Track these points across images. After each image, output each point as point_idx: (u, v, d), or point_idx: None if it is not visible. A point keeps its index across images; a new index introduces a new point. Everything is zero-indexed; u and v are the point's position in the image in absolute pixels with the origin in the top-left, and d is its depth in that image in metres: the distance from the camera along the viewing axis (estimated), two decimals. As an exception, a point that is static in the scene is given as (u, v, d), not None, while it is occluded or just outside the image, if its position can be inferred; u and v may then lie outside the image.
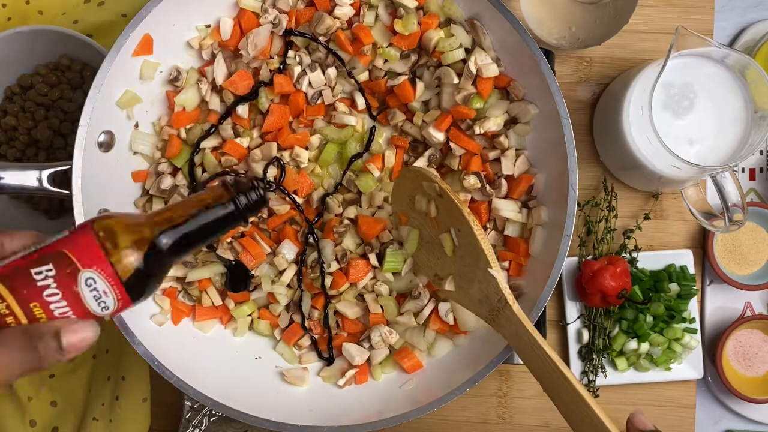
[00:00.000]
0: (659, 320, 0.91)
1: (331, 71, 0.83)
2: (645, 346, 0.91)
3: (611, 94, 0.91)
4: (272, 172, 0.82)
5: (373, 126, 0.85)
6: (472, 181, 0.80)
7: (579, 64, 0.95)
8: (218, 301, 0.85)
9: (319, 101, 0.84)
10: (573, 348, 0.94)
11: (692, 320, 0.92)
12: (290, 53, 0.83)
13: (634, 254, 0.92)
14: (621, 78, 0.91)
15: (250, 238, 0.84)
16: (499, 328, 0.70)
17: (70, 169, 0.75)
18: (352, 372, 0.83)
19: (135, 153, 0.84)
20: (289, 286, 0.85)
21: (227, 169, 0.83)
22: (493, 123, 0.80)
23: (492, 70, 0.78)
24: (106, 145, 0.79)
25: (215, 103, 0.84)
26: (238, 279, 0.84)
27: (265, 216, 0.85)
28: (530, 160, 0.82)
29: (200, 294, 0.85)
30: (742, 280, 0.93)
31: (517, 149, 0.82)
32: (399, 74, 0.83)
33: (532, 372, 0.66)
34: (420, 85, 0.83)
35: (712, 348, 0.94)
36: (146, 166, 0.84)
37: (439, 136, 0.82)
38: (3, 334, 0.53)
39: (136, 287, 0.56)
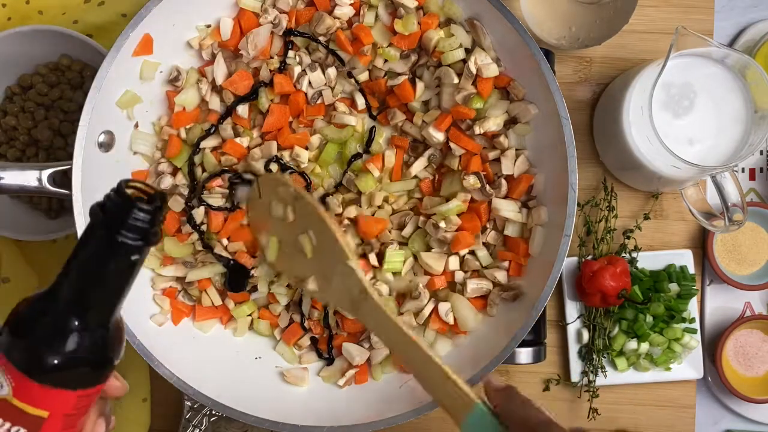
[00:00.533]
0: (659, 320, 0.91)
1: (331, 71, 0.83)
2: (645, 346, 0.91)
3: (611, 94, 0.91)
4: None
5: (373, 126, 0.85)
6: (472, 181, 0.80)
7: (579, 64, 0.95)
8: (218, 301, 0.85)
9: (319, 101, 0.84)
10: (573, 348, 0.94)
11: (692, 320, 0.92)
12: (290, 53, 0.83)
13: (634, 254, 0.92)
14: (621, 78, 0.91)
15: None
16: (362, 317, 0.72)
17: (70, 169, 0.75)
18: (352, 372, 0.83)
19: (135, 153, 0.84)
20: (289, 286, 0.85)
21: (227, 168, 0.83)
22: (493, 123, 0.80)
23: (492, 70, 0.78)
24: (106, 145, 0.79)
25: (215, 103, 0.84)
26: (237, 278, 0.84)
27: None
28: (530, 160, 0.82)
29: (200, 294, 0.85)
30: (742, 280, 0.93)
31: (517, 149, 0.82)
32: (399, 74, 0.83)
33: (396, 355, 0.71)
34: (420, 85, 0.83)
35: (712, 348, 0.94)
36: (146, 166, 0.84)
37: (439, 136, 0.82)
38: None
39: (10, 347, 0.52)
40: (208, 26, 0.84)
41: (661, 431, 0.95)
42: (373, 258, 0.82)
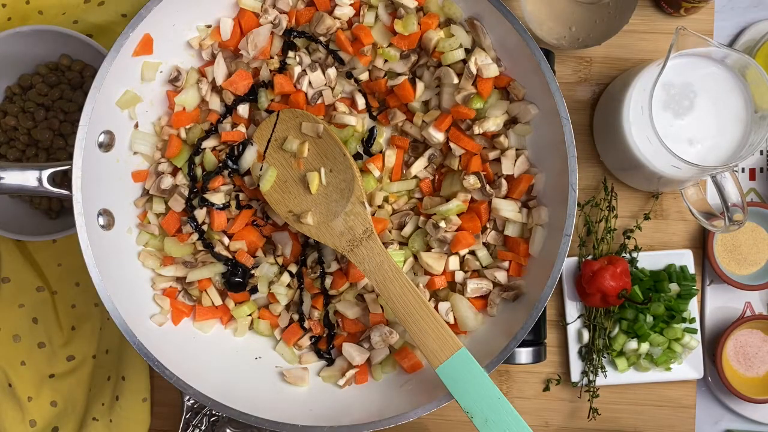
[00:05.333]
0: (659, 320, 0.91)
1: (331, 71, 0.83)
2: (645, 346, 0.91)
3: (611, 94, 0.91)
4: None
5: (374, 127, 0.85)
6: (472, 181, 0.80)
7: (579, 64, 0.95)
8: (218, 301, 0.85)
9: (319, 101, 0.84)
10: (573, 348, 0.94)
11: (692, 320, 0.92)
12: (290, 53, 0.83)
13: (634, 254, 0.92)
14: (621, 78, 0.91)
15: (249, 225, 0.84)
16: (357, 258, 0.77)
17: (70, 169, 0.75)
18: (352, 372, 0.83)
19: (135, 153, 0.84)
20: (289, 286, 0.85)
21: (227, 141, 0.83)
22: (493, 123, 0.80)
23: (492, 70, 0.78)
24: (106, 145, 0.79)
25: (215, 103, 0.84)
26: (237, 277, 0.84)
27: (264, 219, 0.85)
28: (530, 160, 0.82)
29: (200, 294, 0.85)
30: (742, 280, 0.93)
31: (517, 149, 0.82)
32: (399, 74, 0.83)
33: (389, 299, 0.75)
34: (420, 85, 0.83)
35: (712, 348, 0.94)
36: (146, 166, 0.85)
37: (439, 136, 0.82)
38: None
39: None
40: (208, 26, 0.84)
41: (661, 431, 0.95)
42: (373, 258, 0.82)
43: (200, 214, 0.83)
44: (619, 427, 0.96)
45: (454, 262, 0.82)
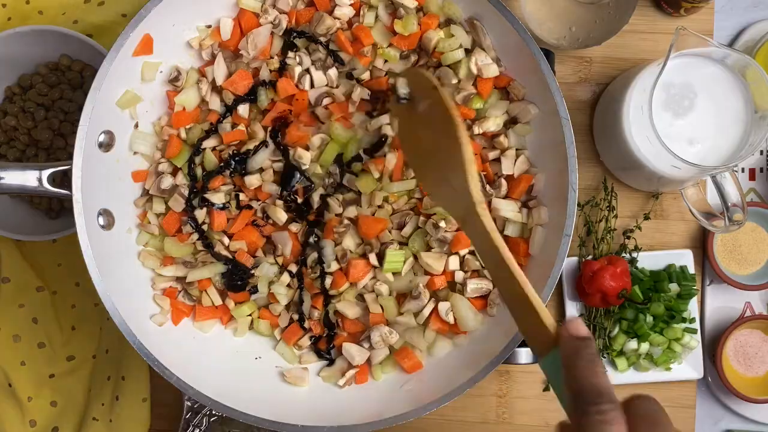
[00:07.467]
0: (659, 320, 0.91)
1: (332, 72, 0.83)
2: (645, 346, 0.91)
3: (611, 94, 0.91)
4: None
5: (381, 127, 0.85)
6: (472, 181, 0.80)
7: (579, 64, 0.95)
8: (218, 301, 0.85)
9: (325, 102, 0.83)
10: (573, 348, 0.94)
11: (692, 320, 0.92)
12: (290, 53, 0.83)
13: (634, 254, 0.92)
14: (621, 78, 0.91)
15: (249, 225, 0.84)
16: (469, 234, 0.69)
17: (70, 169, 0.75)
18: (352, 372, 0.83)
19: (135, 153, 0.84)
20: (288, 286, 0.85)
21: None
22: (493, 123, 0.80)
23: (492, 70, 0.78)
24: (106, 145, 0.79)
25: (215, 103, 0.84)
26: (237, 277, 0.84)
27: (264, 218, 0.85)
28: (530, 160, 0.82)
29: (200, 294, 0.85)
30: (742, 280, 0.93)
31: (517, 149, 0.82)
32: (399, 75, 0.83)
33: (492, 278, 0.71)
34: (420, 85, 0.83)
35: (712, 348, 0.94)
36: (146, 166, 0.85)
37: (439, 136, 0.82)
38: None
39: None
40: (208, 26, 0.84)
41: (661, 431, 0.95)
42: (373, 258, 0.82)
43: (200, 214, 0.83)
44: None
45: (454, 262, 0.82)
